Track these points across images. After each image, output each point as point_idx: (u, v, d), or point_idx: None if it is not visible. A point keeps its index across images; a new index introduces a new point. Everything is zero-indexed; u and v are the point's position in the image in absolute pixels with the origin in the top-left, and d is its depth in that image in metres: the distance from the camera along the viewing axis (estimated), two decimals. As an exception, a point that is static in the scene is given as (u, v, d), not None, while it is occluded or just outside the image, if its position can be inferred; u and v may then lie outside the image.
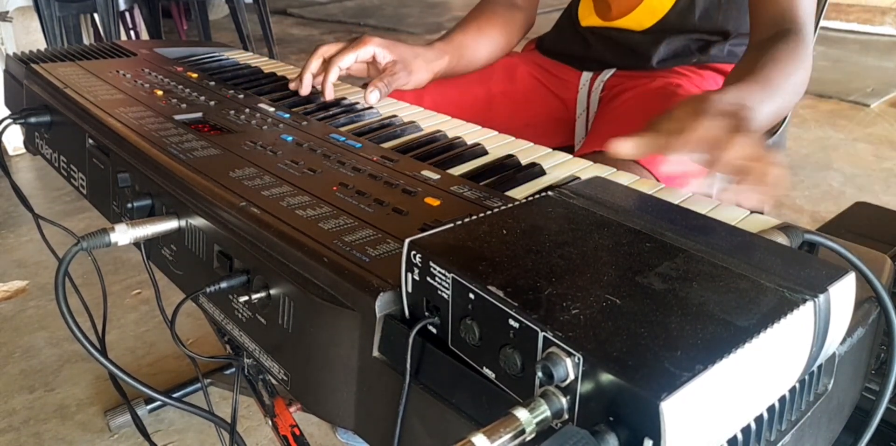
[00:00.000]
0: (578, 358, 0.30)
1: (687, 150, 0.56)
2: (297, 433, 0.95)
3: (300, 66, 0.93)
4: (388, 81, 0.82)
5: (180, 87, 0.85)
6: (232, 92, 0.84)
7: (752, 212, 0.53)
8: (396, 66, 0.84)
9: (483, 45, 0.98)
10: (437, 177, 0.59)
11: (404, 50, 0.86)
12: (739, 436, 0.33)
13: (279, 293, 0.47)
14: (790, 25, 0.77)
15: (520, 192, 0.59)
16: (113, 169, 0.67)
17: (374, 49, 0.84)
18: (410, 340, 0.39)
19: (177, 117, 0.73)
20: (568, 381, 0.30)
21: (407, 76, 0.85)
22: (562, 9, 1.11)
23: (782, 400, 0.36)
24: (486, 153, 0.68)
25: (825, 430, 0.43)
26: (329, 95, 0.83)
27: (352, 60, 0.83)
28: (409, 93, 0.98)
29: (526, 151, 0.68)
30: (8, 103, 0.99)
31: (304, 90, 0.85)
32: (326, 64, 0.84)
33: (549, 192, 0.45)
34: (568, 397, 0.31)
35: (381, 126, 0.76)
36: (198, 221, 0.55)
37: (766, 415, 0.35)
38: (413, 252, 0.38)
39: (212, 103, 0.79)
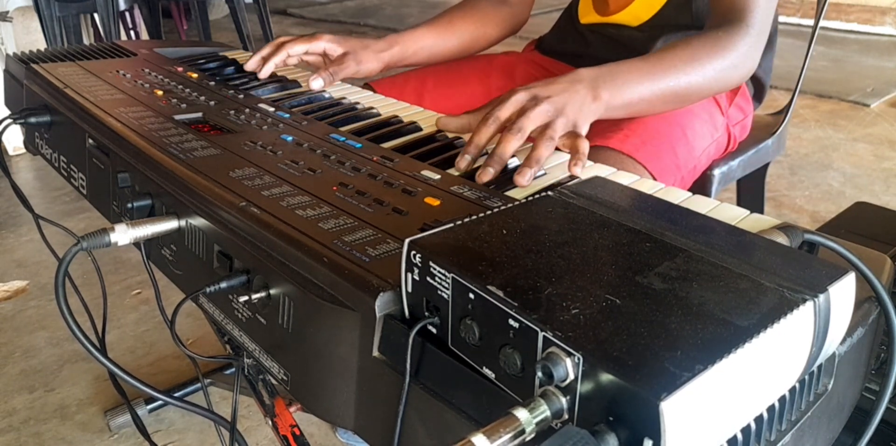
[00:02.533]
0: (578, 358, 0.30)
1: (481, 128, 0.65)
2: (297, 433, 0.95)
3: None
4: (334, 70, 0.88)
5: (180, 87, 0.85)
6: (232, 92, 0.84)
7: (751, 211, 0.53)
8: (346, 57, 0.90)
9: (451, 37, 1.01)
10: (437, 177, 0.59)
11: (354, 43, 0.93)
12: (739, 436, 0.33)
13: (279, 293, 0.47)
14: (735, 16, 0.79)
15: (520, 192, 0.59)
16: (113, 169, 0.67)
17: (325, 44, 0.91)
18: (410, 340, 0.39)
19: (177, 117, 0.73)
20: (568, 381, 0.30)
21: (356, 65, 0.91)
22: (562, 9, 1.11)
23: (782, 399, 0.36)
24: (486, 153, 0.68)
25: (825, 430, 0.43)
26: (266, 73, 0.91)
27: (301, 50, 0.91)
28: (409, 93, 0.99)
29: (526, 151, 0.68)
30: (8, 103, 0.99)
31: (248, 67, 0.93)
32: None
33: (549, 192, 0.45)
34: (568, 397, 0.31)
35: (381, 126, 0.76)
36: (198, 221, 0.55)
37: (766, 415, 0.35)
38: (413, 252, 0.38)
39: (212, 103, 0.79)
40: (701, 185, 0.95)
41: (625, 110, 0.74)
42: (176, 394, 1.25)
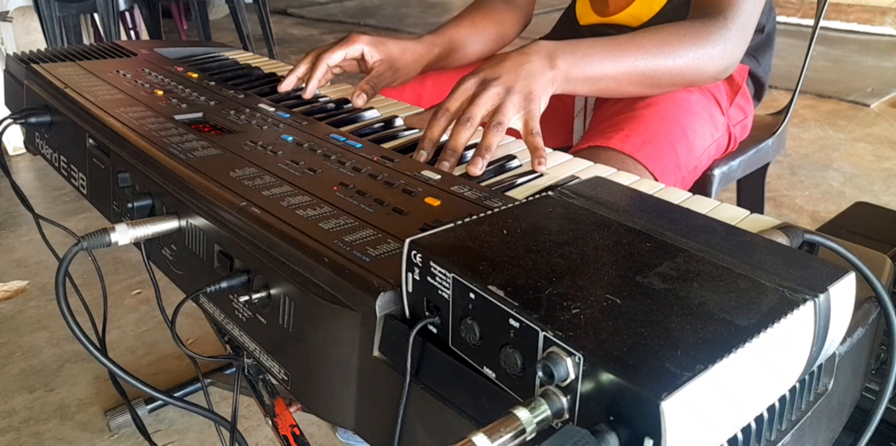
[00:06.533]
0: (579, 358, 0.30)
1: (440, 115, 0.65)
2: (297, 433, 0.95)
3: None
4: (374, 83, 0.84)
5: (180, 87, 0.85)
6: (232, 92, 0.84)
7: (751, 211, 0.53)
8: (382, 66, 0.86)
9: (476, 39, 0.99)
10: (437, 177, 0.59)
11: (392, 47, 0.87)
12: (740, 436, 0.33)
13: (279, 293, 0.47)
14: (714, 10, 0.78)
15: (520, 192, 0.59)
16: (113, 169, 0.67)
17: (363, 47, 0.85)
18: (411, 340, 0.39)
19: (177, 117, 0.73)
20: (568, 381, 0.30)
21: (392, 74, 0.86)
22: (562, 9, 1.11)
23: (782, 399, 0.36)
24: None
25: (825, 430, 0.43)
26: (311, 92, 0.85)
27: (340, 57, 0.85)
28: (408, 93, 0.99)
29: (526, 151, 0.68)
30: (8, 103, 0.99)
31: (284, 88, 0.87)
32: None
33: (549, 192, 0.45)
34: (568, 397, 0.31)
35: (381, 126, 0.76)
36: (198, 221, 0.55)
37: (766, 415, 0.35)
38: (413, 252, 0.38)
39: (212, 103, 0.79)
40: (701, 185, 0.95)
41: (587, 85, 0.73)
42: (176, 394, 1.25)
